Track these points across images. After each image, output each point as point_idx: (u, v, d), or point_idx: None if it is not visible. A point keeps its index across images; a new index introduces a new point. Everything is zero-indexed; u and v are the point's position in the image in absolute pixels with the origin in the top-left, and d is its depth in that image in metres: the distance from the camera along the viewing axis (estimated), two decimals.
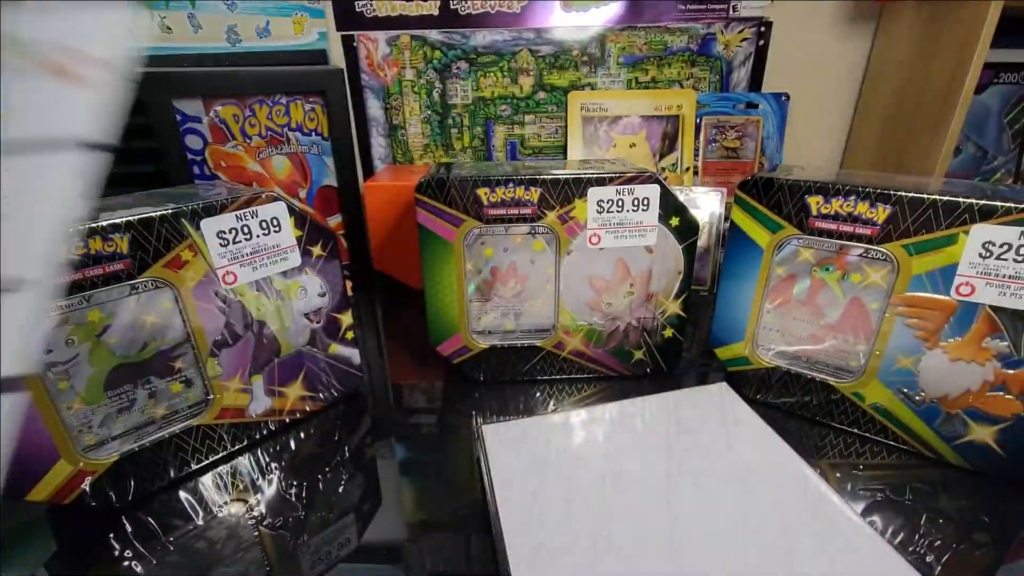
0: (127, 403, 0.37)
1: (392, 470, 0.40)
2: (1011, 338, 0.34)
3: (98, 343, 0.34)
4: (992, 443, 0.37)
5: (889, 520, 0.34)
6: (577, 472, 0.34)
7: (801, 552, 0.28)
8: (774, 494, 0.32)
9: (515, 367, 0.50)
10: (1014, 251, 0.33)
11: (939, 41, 0.63)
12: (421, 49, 0.77)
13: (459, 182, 0.43)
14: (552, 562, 0.28)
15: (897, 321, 0.38)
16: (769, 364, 0.45)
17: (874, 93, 0.77)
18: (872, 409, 0.41)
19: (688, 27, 0.75)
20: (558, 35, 0.76)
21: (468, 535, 0.34)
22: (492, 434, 0.38)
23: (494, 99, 0.80)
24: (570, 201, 0.44)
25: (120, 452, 0.36)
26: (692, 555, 0.28)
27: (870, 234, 0.38)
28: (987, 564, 0.31)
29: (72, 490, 0.35)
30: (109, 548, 0.34)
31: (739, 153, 0.79)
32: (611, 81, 0.79)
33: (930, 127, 0.65)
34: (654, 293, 0.47)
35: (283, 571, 0.32)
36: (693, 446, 0.36)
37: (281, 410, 0.44)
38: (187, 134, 0.61)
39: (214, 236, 0.37)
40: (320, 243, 0.43)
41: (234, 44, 0.76)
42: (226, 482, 0.39)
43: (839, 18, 0.76)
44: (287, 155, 0.68)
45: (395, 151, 0.83)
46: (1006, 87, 0.75)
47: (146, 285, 0.35)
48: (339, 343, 0.47)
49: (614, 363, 0.50)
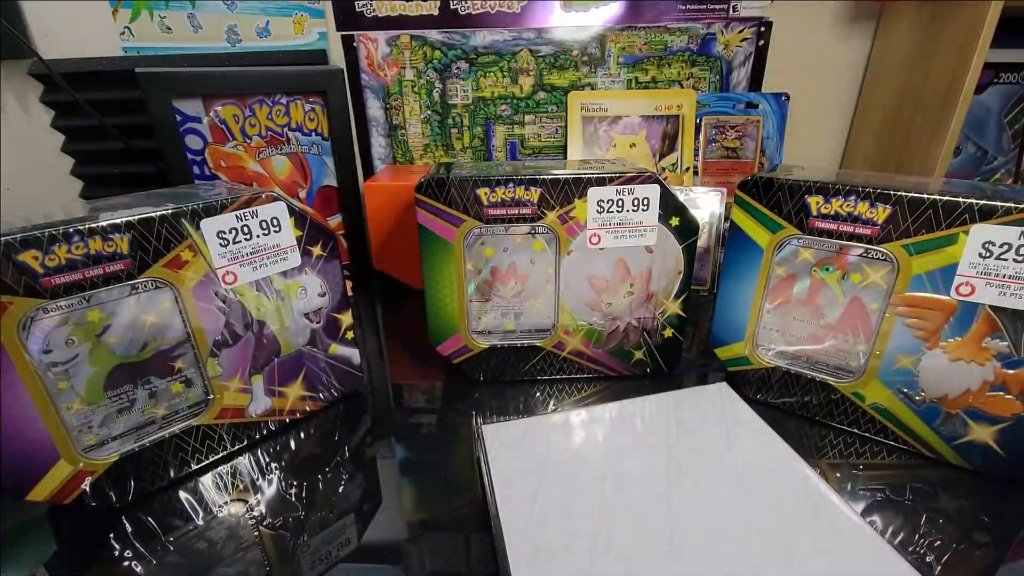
0: (127, 403, 0.37)
1: (392, 470, 0.40)
2: (1011, 338, 0.34)
3: (98, 343, 0.34)
4: (992, 443, 0.37)
5: (889, 520, 0.34)
6: (577, 472, 0.34)
7: (801, 552, 0.28)
8: (774, 494, 0.32)
9: (515, 367, 0.50)
10: (1014, 251, 0.33)
11: (939, 41, 0.63)
12: (421, 49, 0.77)
13: (459, 182, 0.43)
14: (552, 562, 0.28)
15: (897, 321, 0.38)
16: (769, 364, 0.45)
17: (874, 93, 0.77)
18: (872, 409, 0.41)
19: (688, 27, 0.75)
20: (558, 35, 0.76)
21: (468, 535, 0.34)
22: (492, 434, 0.38)
23: (494, 99, 0.80)
24: (570, 201, 0.44)
25: (120, 452, 0.36)
26: (692, 555, 0.28)
27: (870, 234, 0.38)
28: (987, 564, 0.31)
29: (72, 490, 0.35)
30: (109, 548, 0.34)
31: (739, 153, 0.79)
32: (611, 81, 0.79)
33: (930, 127, 0.65)
34: (654, 293, 0.47)
35: (283, 571, 0.32)
36: (693, 446, 0.36)
37: (281, 410, 0.44)
38: (187, 134, 0.61)
39: (214, 236, 0.37)
40: (320, 243, 0.43)
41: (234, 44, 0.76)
42: (226, 482, 0.39)
43: (839, 18, 0.76)
44: (287, 155, 0.68)
45: (395, 151, 0.83)
46: (1006, 87, 0.75)
47: (146, 285, 0.35)
48: (339, 343, 0.47)
49: (614, 363, 0.50)
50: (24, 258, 0.30)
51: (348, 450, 0.42)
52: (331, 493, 0.38)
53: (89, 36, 0.75)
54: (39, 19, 0.74)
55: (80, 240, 0.32)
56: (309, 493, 0.38)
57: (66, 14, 0.74)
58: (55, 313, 0.32)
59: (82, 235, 0.32)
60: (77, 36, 0.75)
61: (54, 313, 0.32)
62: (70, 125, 0.71)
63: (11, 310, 0.30)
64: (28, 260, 0.30)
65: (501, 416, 0.46)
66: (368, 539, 0.34)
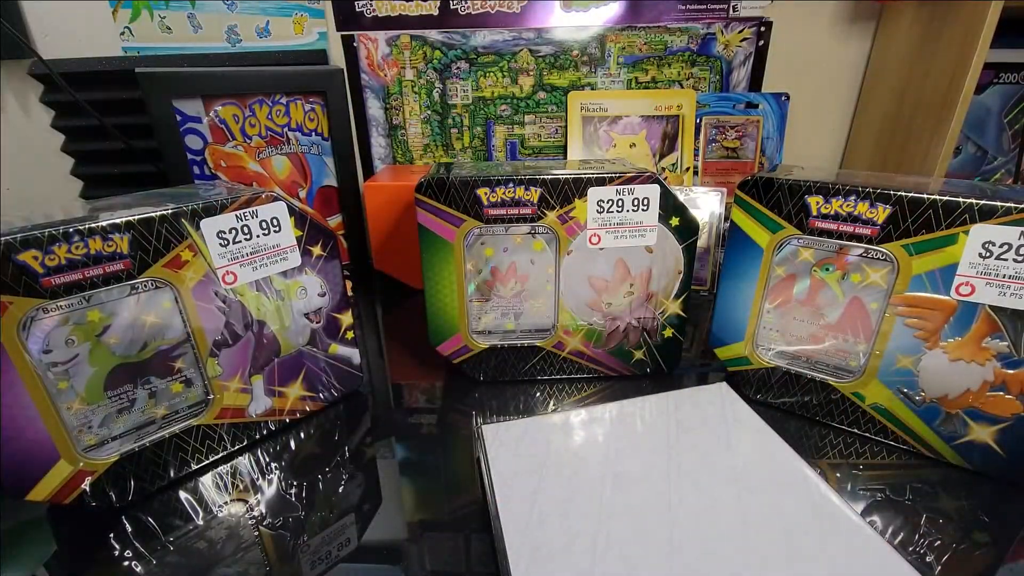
0: (127, 403, 0.37)
1: (392, 470, 0.40)
2: (1011, 338, 0.34)
3: (98, 343, 0.34)
4: (992, 443, 0.37)
5: (889, 520, 0.34)
6: (577, 472, 0.34)
7: (801, 552, 0.28)
8: (774, 494, 0.32)
9: (515, 367, 0.50)
10: (1014, 251, 0.33)
11: (939, 41, 0.63)
12: (421, 49, 0.77)
13: (459, 182, 0.43)
14: (552, 562, 0.28)
15: (897, 321, 0.38)
16: (769, 364, 0.45)
17: (874, 93, 0.77)
18: (872, 409, 0.41)
19: (688, 27, 0.75)
20: (558, 35, 0.76)
21: (468, 535, 0.34)
22: (492, 434, 0.38)
23: (494, 99, 0.80)
24: (570, 201, 0.44)
25: (120, 452, 0.36)
26: (692, 555, 0.28)
27: (870, 234, 0.38)
28: (987, 564, 0.31)
29: (72, 490, 0.35)
30: (109, 548, 0.34)
31: (739, 153, 0.79)
32: (611, 81, 0.79)
33: (930, 127, 0.65)
34: (654, 293, 0.47)
35: (283, 571, 0.32)
36: (693, 446, 0.36)
37: (281, 410, 0.44)
38: (187, 134, 0.61)
39: (214, 236, 0.37)
40: (320, 243, 0.43)
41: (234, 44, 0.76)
42: (226, 482, 0.39)
43: (839, 18, 0.76)
44: (287, 155, 0.68)
45: (395, 151, 0.83)
46: (1006, 87, 0.75)
47: (146, 285, 0.35)
48: (339, 343, 0.47)
49: (614, 363, 0.50)
50: (24, 258, 0.30)
51: (348, 450, 0.42)
52: (331, 493, 0.38)
53: (89, 36, 0.75)
54: (39, 19, 0.74)
55: (80, 240, 0.32)
56: (309, 493, 0.38)
57: (66, 14, 0.74)
58: (55, 313, 0.32)
59: (82, 235, 0.32)
60: (77, 36, 0.75)
61: (54, 313, 0.32)
62: (70, 125, 0.71)
63: (11, 310, 0.30)
64: (28, 260, 0.30)
65: (501, 416, 0.46)
66: (368, 539, 0.34)
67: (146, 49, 0.76)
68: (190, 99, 0.60)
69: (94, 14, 0.74)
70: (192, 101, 0.61)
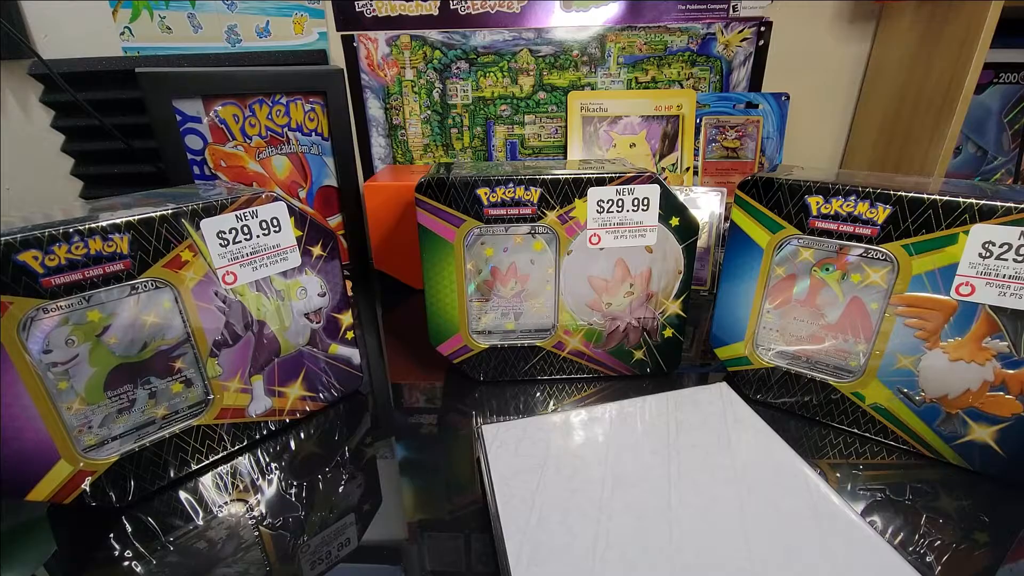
0: (127, 403, 0.37)
1: (392, 470, 0.40)
2: (1011, 338, 0.34)
3: (98, 343, 0.34)
4: (992, 443, 0.37)
5: (889, 520, 0.34)
6: (577, 472, 0.34)
7: (801, 552, 0.28)
8: (774, 494, 0.32)
9: (515, 367, 0.50)
10: (1014, 251, 0.33)
11: (939, 41, 0.63)
12: (421, 49, 0.77)
13: (459, 182, 0.43)
14: (552, 562, 0.28)
15: (897, 321, 0.38)
16: (769, 364, 0.45)
17: (874, 93, 0.77)
18: (872, 409, 0.41)
19: (688, 27, 0.75)
20: (558, 35, 0.76)
21: (468, 535, 0.34)
22: (492, 434, 0.38)
23: (494, 99, 0.80)
24: (570, 201, 0.44)
25: (120, 452, 0.36)
26: (692, 555, 0.28)
27: (870, 234, 0.38)
28: (987, 564, 0.31)
29: (72, 490, 0.35)
30: (109, 548, 0.34)
31: (739, 153, 0.79)
32: (611, 81, 0.79)
33: (930, 127, 0.65)
34: (654, 293, 0.47)
35: (283, 571, 0.32)
36: (693, 446, 0.36)
37: (281, 410, 0.44)
38: (187, 134, 0.61)
39: (214, 236, 0.37)
40: (320, 243, 0.43)
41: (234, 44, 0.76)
42: (226, 482, 0.39)
43: (839, 18, 0.76)
44: (287, 155, 0.68)
45: (395, 151, 0.83)
46: (1006, 87, 0.75)
47: (146, 285, 0.35)
48: (339, 343, 0.47)
49: (614, 363, 0.50)
50: (24, 258, 0.30)
51: (348, 450, 0.42)
52: (331, 493, 0.38)
53: (89, 36, 0.75)
54: (39, 19, 0.74)
55: (80, 240, 0.32)
56: (309, 493, 0.38)
57: (66, 14, 0.74)
58: (55, 313, 0.32)
59: (82, 235, 0.32)
60: (77, 36, 0.75)
61: (54, 313, 0.32)
62: (70, 125, 0.71)
63: (11, 310, 0.30)
64: (28, 260, 0.30)
65: (501, 416, 0.46)
66: (368, 539, 0.34)
67: (146, 49, 0.76)
68: (190, 99, 0.60)
69: (94, 14, 0.74)
70: (192, 101, 0.61)
